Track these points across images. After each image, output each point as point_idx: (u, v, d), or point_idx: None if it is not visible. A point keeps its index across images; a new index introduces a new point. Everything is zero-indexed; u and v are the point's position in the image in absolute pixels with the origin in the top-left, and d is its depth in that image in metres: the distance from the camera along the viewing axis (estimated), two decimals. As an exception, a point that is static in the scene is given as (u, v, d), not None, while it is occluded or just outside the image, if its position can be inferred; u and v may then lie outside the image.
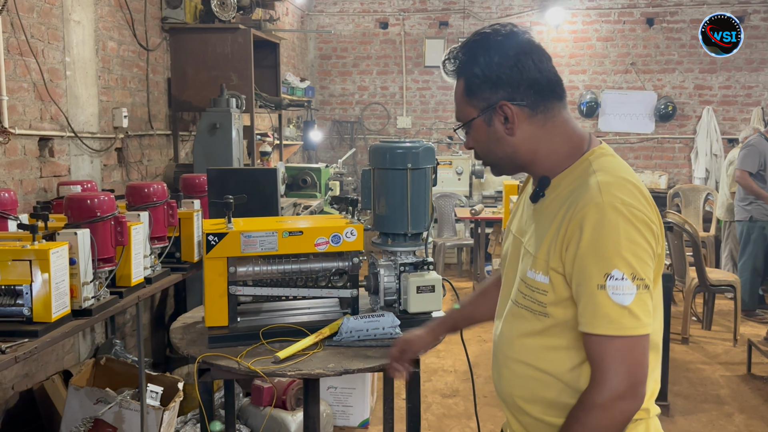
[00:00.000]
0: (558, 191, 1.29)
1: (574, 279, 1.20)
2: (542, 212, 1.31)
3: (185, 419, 3.36)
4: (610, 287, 1.16)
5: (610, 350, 1.16)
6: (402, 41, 8.43)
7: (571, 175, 1.29)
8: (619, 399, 1.16)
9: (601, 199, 1.18)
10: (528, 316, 1.30)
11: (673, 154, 8.27)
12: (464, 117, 1.35)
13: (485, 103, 1.31)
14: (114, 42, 3.88)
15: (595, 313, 1.17)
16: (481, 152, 1.38)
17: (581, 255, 1.18)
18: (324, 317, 2.13)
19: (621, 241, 1.16)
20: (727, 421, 3.75)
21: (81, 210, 2.44)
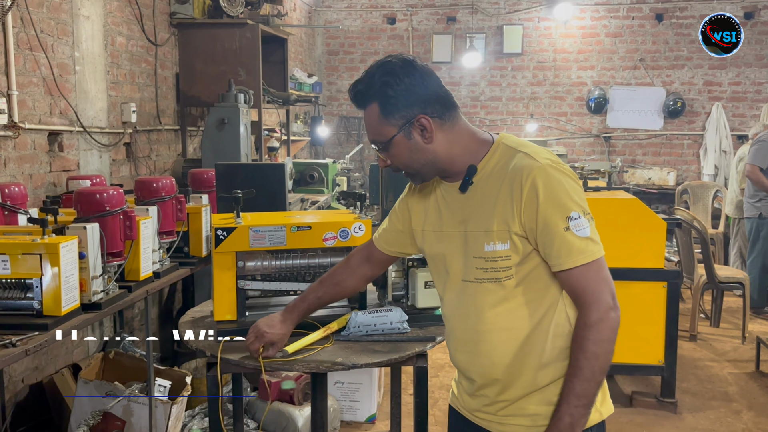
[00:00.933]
0: (484, 175, 1.50)
1: (539, 232, 1.42)
2: (476, 196, 1.50)
3: (193, 413, 3.38)
4: (572, 226, 1.40)
5: (590, 275, 1.41)
6: (410, 37, 8.42)
7: (492, 159, 1.50)
8: (611, 309, 1.41)
9: (539, 164, 1.43)
10: (492, 287, 1.48)
11: (681, 151, 8.23)
12: (384, 136, 1.50)
13: (403, 120, 1.49)
14: (123, 37, 3.89)
15: (570, 250, 1.40)
16: (402, 165, 1.53)
17: (542, 210, 1.40)
18: (332, 312, 2.13)
19: (567, 189, 1.42)
20: (736, 418, 3.73)
21: (90, 204, 2.45)
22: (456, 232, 1.54)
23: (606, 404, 1.56)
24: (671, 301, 3.72)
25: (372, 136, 1.54)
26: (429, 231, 1.62)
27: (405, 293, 2.19)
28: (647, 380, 4.10)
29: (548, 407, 1.49)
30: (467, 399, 1.63)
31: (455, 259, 1.55)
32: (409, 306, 2.17)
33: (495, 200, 1.45)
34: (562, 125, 8.36)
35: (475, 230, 1.49)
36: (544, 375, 1.49)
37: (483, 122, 8.38)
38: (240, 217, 2.08)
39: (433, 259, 1.63)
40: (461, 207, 1.53)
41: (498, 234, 1.45)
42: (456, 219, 1.54)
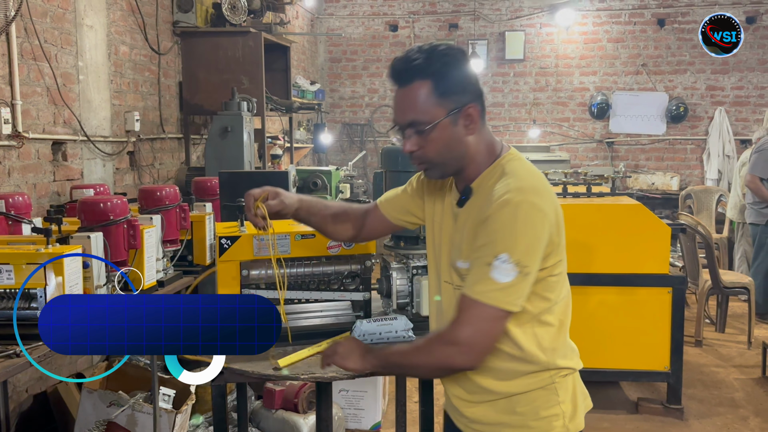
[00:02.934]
0: (477, 195, 1.51)
1: (474, 258, 1.42)
2: (466, 213, 1.52)
3: (197, 422, 3.37)
4: (495, 266, 1.37)
5: (472, 311, 1.39)
6: (412, 44, 8.41)
7: (487, 180, 1.50)
8: (454, 345, 1.40)
9: (510, 197, 1.40)
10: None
11: (685, 156, 8.22)
12: (429, 117, 1.43)
13: (455, 105, 1.44)
14: (126, 46, 3.90)
15: (477, 282, 1.40)
16: (433, 153, 1.47)
17: (483, 236, 1.41)
18: (336, 320, 2.12)
19: (515, 233, 1.38)
20: (743, 424, 3.71)
21: (94, 214, 2.46)
22: (448, 237, 1.59)
23: (575, 421, 1.55)
24: (676, 306, 3.70)
25: (412, 115, 1.45)
26: (435, 220, 1.65)
27: (410, 301, 2.18)
28: (653, 386, 4.08)
29: (513, 417, 1.52)
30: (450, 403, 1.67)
31: (443, 260, 1.60)
32: (414, 314, 2.16)
33: (473, 223, 1.47)
34: (565, 131, 8.36)
35: (457, 242, 1.54)
36: (513, 385, 1.51)
37: (485, 128, 8.37)
38: (243, 225, 2.08)
39: (432, 248, 1.66)
40: (455, 216, 1.57)
41: (465, 253, 1.48)
42: (451, 226, 1.59)
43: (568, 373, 1.56)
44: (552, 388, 1.53)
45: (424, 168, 1.53)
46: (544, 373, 1.52)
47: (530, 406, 1.52)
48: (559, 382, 1.54)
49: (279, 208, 1.71)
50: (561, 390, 1.54)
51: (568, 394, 1.55)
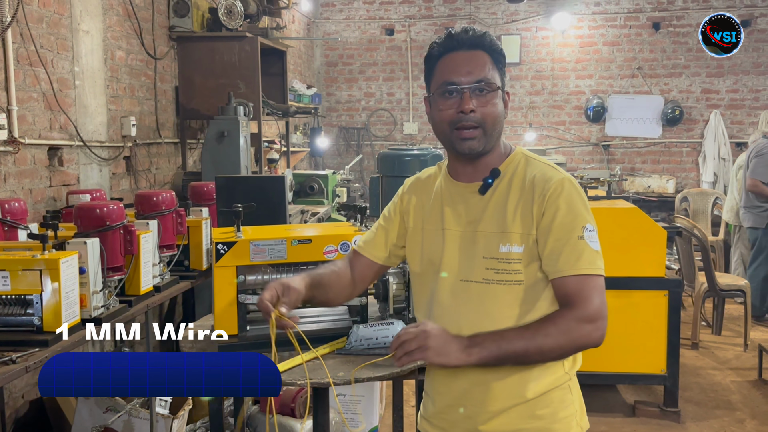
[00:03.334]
0: (504, 179, 1.50)
1: (551, 238, 1.42)
2: (495, 199, 1.49)
3: (194, 427, 3.36)
4: (587, 237, 1.41)
5: (590, 284, 1.40)
6: (408, 48, 8.45)
7: (512, 165, 1.52)
8: (590, 321, 1.39)
9: (561, 177, 1.46)
10: (500, 290, 1.46)
11: (680, 159, 8.24)
12: (495, 81, 1.47)
13: (501, 83, 1.49)
14: (122, 51, 3.90)
15: (579, 258, 1.40)
16: (492, 116, 1.47)
17: (561, 215, 1.42)
18: (333, 325, 2.13)
19: (585, 204, 1.46)
20: (739, 427, 3.72)
21: (90, 219, 2.45)
22: (461, 231, 1.52)
23: (584, 419, 1.54)
24: (673, 309, 3.71)
25: (480, 73, 1.46)
26: (428, 229, 1.58)
27: (406, 306, 2.18)
28: (650, 389, 4.08)
29: (534, 422, 1.47)
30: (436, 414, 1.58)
31: (453, 258, 1.52)
32: (411, 319, 2.16)
33: (516, 204, 1.46)
34: (561, 134, 8.38)
35: (489, 231, 1.48)
36: (532, 387, 1.47)
37: (482, 132, 8.38)
38: (240, 230, 2.08)
39: (426, 256, 1.57)
40: (473, 207, 1.52)
41: (516, 236, 1.44)
42: (464, 219, 1.52)
43: (575, 365, 1.54)
44: (566, 387, 1.51)
45: (473, 135, 1.46)
46: (560, 370, 1.49)
47: (549, 409, 1.49)
48: (572, 379, 1.53)
49: (294, 303, 1.57)
50: (573, 388, 1.53)
51: (576, 391, 1.54)
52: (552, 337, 1.38)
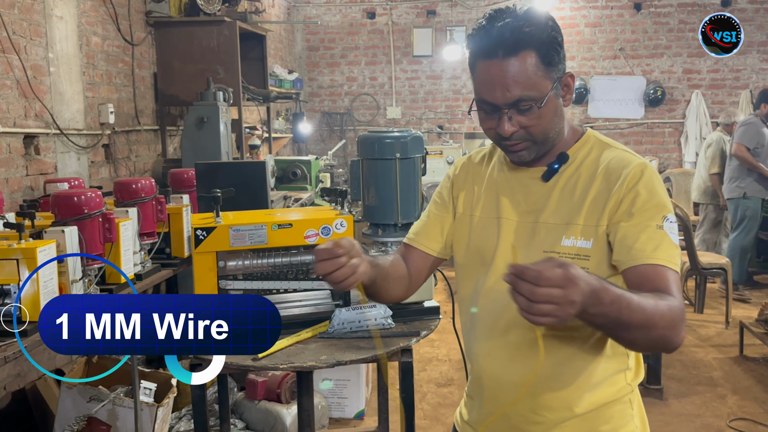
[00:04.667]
0: (572, 165, 1.32)
1: (628, 223, 1.23)
2: (558, 186, 1.32)
3: (180, 415, 3.35)
4: (667, 228, 1.23)
5: (672, 278, 1.19)
6: (390, 31, 8.39)
7: (583, 150, 1.34)
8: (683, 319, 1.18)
9: (640, 162, 1.29)
10: None
11: (663, 139, 8.29)
12: (539, 91, 1.23)
13: (558, 74, 1.27)
14: (98, 37, 3.83)
15: (657, 247, 1.21)
16: (542, 130, 1.27)
17: (641, 203, 1.24)
18: (316, 309, 2.12)
19: (665, 192, 1.28)
20: (721, 402, 3.77)
21: (68, 207, 2.42)
22: (519, 221, 1.34)
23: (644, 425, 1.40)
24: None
25: (519, 91, 1.22)
26: (479, 217, 1.40)
27: (389, 288, 2.18)
28: (633, 368, 4.12)
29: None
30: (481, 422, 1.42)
31: (509, 251, 1.33)
32: (393, 301, 2.15)
33: (586, 193, 1.28)
34: (544, 116, 8.38)
35: (552, 222, 1.30)
36: (587, 399, 1.30)
37: (465, 115, 8.38)
38: (220, 216, 2.06)
39: (473, 247, 1.40)
40: (534, 195, 1.34)
41: (584, 229, 1.27)
42: (522, 208, 1.34)
43: (637, 376, 1.37)
44: (626, 400, 1.34)
45: (520, 149, 1.29)
46: (621, 381, 1.33)
47: (609, 425, 1.32)
48: (634, 389, 1.36)
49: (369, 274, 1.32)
50: (634, 401, 1.36)
51: (637, 405, 1.37)
52: (665, 320, 1.12)
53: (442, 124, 8.42)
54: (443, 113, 8.45)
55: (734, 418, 3.55)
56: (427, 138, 8.35)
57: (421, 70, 8.43)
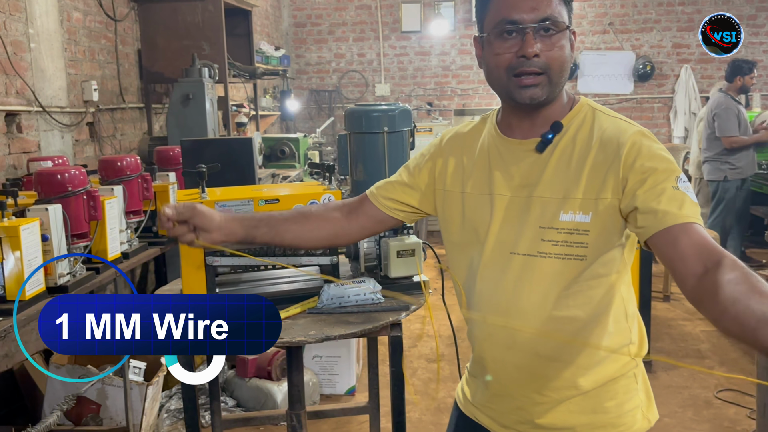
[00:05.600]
0: (567, 135, 1.28)
1: (641, 190, 1.17)
2: (556, 158, 1.27)
3: (170, 393, 3.35)
4: (682, 187, 1.17)
5: (705, 234, 1.13)
6: (378, 6, 8.29)
7: (577, 118, 1.29)
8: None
9: (637, 129, 1.25)
10: (559, 265, 1.24)
11: (652, 114, 8.28)
12: (562, 17, 1.24)
13: (569, 20, 1.26)
14: (79, 12, 3.76)
15: (682, 206, 1.15)
16: (559, 60, 1.24)
17: (649, 165, 1.18)
18: (305, 285, 2.10)
19: (668, 154, 1.23)
20: (708, 374, 3.81)
21: (51, 185, 2.38)
22: (513, 196, 1.30)
23: (652, 410, 1.37)
24: (644, 262, 3.75)
25: (549, 11, 1.22)
26: (471, 193, 1.35)
27: (378, 264, 2.16)
28: (622, 341, 4.15)
29: (597, 416, 1.30)
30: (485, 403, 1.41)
31: (505, 228, 1.30)
32: (383, 276, 2.14)
33: (582, 164, 1.24)
34: (534, 92, 8.35)
35: (548, 196, 1.25)
36: (589, 377, 1.28)
37: (455, 92, 8.33)
38: (205, 192, 2.03)
39: (468, 224, 1.36)
40: (528, 168, 1.29)
41: (582, 203, 1.22)
42: (516, 182, 1.30)
43: (641, 349, 1.35)
44: (631, 375, 1.33)
45: (537, 82, 1.24)
46: (626, 356, 1.31)
47: (615, 401, 1.30)
48: (638, 363, 1.34)
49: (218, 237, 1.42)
50: (639, 375, 1.35)
51: (641, 378, 1.36)
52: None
53: (432, 101, 8.36)
54: (432, 90, 8.40)
55: (721, 389, 3.58)
56: (417, 115, 8.30)
57: (410, 46, 8.36)
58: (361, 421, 3.26)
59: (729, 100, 5.54)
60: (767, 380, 2.55)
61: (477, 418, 1.44)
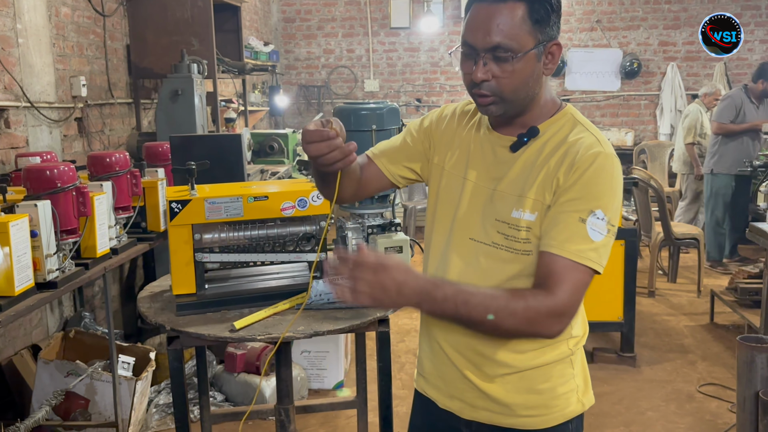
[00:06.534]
0: (541, 140, 1.34)
1: (555, 207, 1.27)
2: (524, 158, 1.34)
3: (159, 388, 3.36)
4: (590, 222, 1.24)
5: (568, 274, 1.23)
6: (367, 2, 8.30)
7: (555, 125, 1.35)
8: (556, 316, 1.24)
9: (602, 150, 1.28)
10: (509, 258, 1.33)
11: (639, 111, 8.35)
12: (518, 44, 1.24)
13: (545, 37, 1.27)
14: (67, 7, 3.75)
15: (569, 239, 1.24)
16: (510, 87, 1.27)
17: (576, 189, 1.25)
18: (293, 281, 2.13)
19: (612, 188, 1.27)
20: (691, 368, 3.87)
21: (40, 181, 2.39)
22: (481, 186, 1.38)
23: (588, 395, 1.45)
24: (629, 258, 3.80)
25: (499, 38, 1.23)
26: (450, 172, 1.44)
27: (366, 260, 2.19)
28: (608, 336, 4.21)
29: (531, 396, 1.38)
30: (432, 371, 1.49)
31: (469, 214, 1.38)
32: (370, 272, 2.17)
33: (541, 168, 1.30)
34: (522, 89, 8.38)
35: (507, 192, 1.33)
36: (524, 359, 1.36)
37: (443, 88, 8.35)
38: (195, 189, 2.04)
39: (444, 202, 1.44)
40: (500, 163, 1.36)
41: (532, 203, 1.29)
42: (487, 174, 1.38)
43: (581, 341, 1.43)
44: (568, 361, 1.40)
45: (488, 102, 1.30)
46: (563, 346, 1.38)
47: (549, 383, 1.38)
48: (575, 352, 1.41)
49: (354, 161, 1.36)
50: (576, 361, 1.42)
51: (579, 365, 1.43)
52: (515, 318, 1.22)
53: (420, 97, 8.38)
54: (421, 86, 8.42)
55: (704, 383, 3.65)
56: (405, 111, 8.33)
57: (399, 42, 8.37)
58: (349, 416, 3.29)
59: (741, 94, 5.66)
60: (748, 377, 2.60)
61: (426, 392, 1.54)
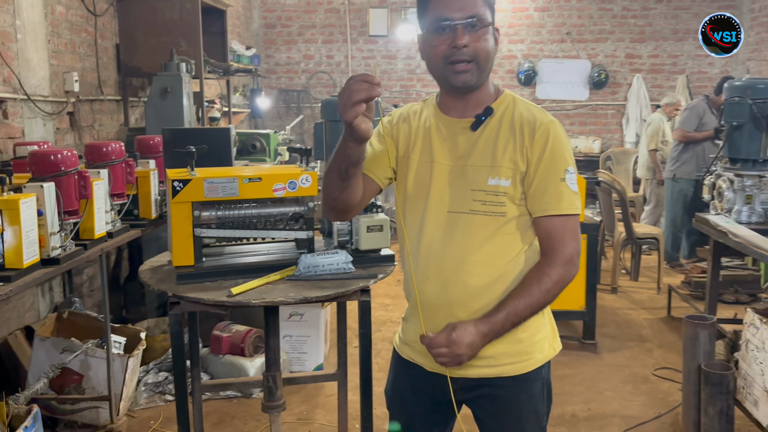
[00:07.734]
0: (496, 117, 1.59)
1: (537, 177, 1.54)
2: (486, 135, 1.58)
3: (147, 368, 3.53)
4: (568, 179, 1.54)
5: (568, 226, 1.54)
6: (346, 10, 8.54)
7: (503, 105, 1.61)
8: (573, 264, 1.55)
9: (549, 120, 1.57)
10: (486, 221, 1.55)
11: (606, 120, 8.69)
12: (486, 18, 1.53)
13: (494, 18, 1.56)
14: (62, 6, 3.91)
15: (561, 199, 1.53)
16: (483, 51, 1.53)
17: (547, 158, 1.53)
18: (282, 256, 2.33)
19: (568, 147, 1.58)
20: (648, 355, 4.14)
21: (45, 165, 2.56)
22: (451, 165, 1.59)
23: (556, 341, 1.69)
24: (591, 251, 4.07)
25: (472, 9, 1.51)
26: (416, 160, 1.64)
27: (349, 238, 2.40)
28: (570, 325, 4.47)
29: (514, 345, 1.57)
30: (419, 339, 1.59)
31: (443, 190, 1.59)
32: (354, 249, 2.38)
33: (506, 141, 1.55)
34: (495, 97, 8.66)
35: (478, 164, 1.56)
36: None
37: (420, 95, 8.61)
38: (194, 170, 2.24)
39: (415, 188, 1.63)
40: (463, 143, 1.59)
41: (505, 170, 1.53)
42: (453, 153, 1.60)
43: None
44: (540, 312, 1.59)
45: (466, 68, 1.53)
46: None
47: (527, 332, 1.58)
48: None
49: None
50: (546, 312, 1.63)
51: (548, 315, 1.65)
52: (552, 292, 1.51)
53: (398, 103, 8.62)
54: (398, 92, 8.67)
55: (658, 368, 3.92)
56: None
57: (377, 49, 8.62)
58: (329, 394, 3.49)
59: (703, 104, 5.98)
60: (692, 351, 2.86)
61: (412, 358, 1.71)
